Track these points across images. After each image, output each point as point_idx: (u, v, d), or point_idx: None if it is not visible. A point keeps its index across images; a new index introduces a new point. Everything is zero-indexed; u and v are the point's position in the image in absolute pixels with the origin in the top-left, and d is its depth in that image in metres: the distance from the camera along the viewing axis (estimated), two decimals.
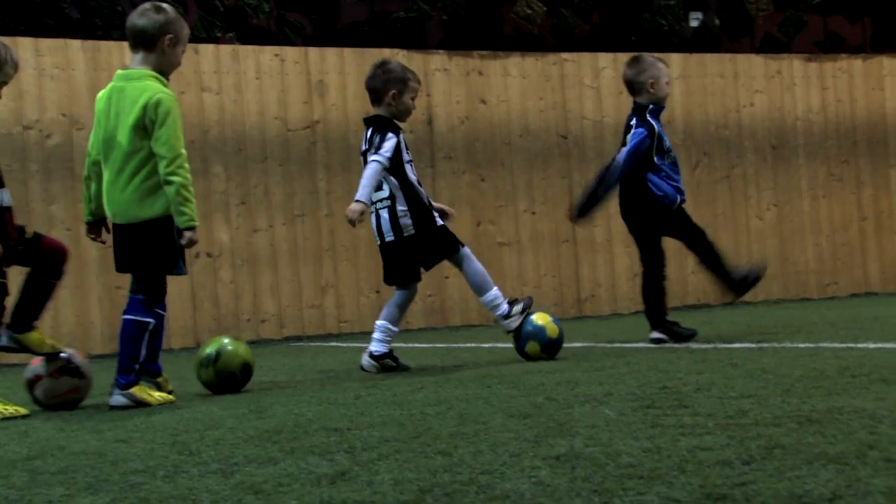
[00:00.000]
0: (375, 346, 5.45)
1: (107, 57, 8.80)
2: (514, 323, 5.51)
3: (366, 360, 5.46)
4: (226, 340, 4.94)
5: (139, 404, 4.37)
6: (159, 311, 4.55)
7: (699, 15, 11.61)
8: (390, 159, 5.34)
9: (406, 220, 5.40)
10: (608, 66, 10.50)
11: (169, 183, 4.39)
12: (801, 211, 11.19)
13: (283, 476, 2.54)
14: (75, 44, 8.71)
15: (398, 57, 9.82)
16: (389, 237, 5.44)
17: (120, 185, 4.46)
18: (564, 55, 10.41)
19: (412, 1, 10.33)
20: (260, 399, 4.41)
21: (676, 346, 5.85)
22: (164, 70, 4.56)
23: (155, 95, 4.41)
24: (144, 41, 4.53)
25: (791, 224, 11.15)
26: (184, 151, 4.43)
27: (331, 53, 9.46)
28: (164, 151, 4.38)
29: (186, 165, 4.45)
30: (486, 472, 2.45)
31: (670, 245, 10.95)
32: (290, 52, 9.44)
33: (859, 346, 5.09)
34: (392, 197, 5.41)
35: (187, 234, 4.41)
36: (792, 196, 11.16)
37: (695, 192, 10.76)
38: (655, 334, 5.99)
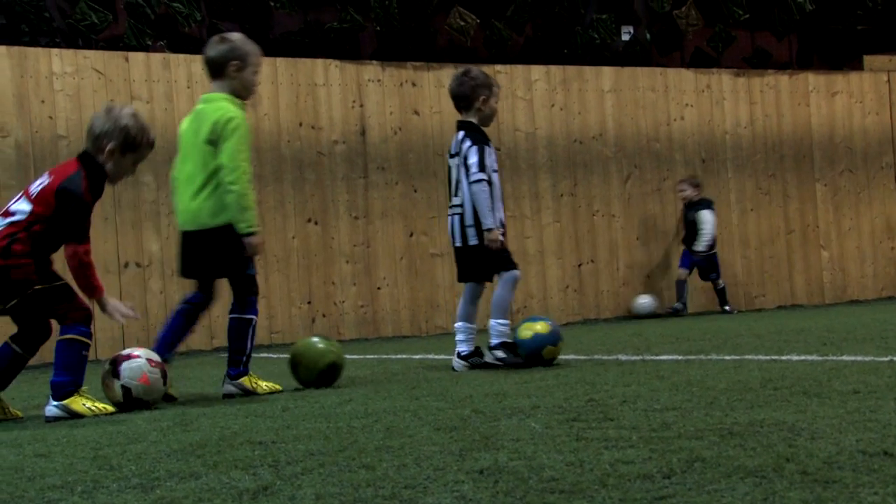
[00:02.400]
0: (461, 347, 5.72)
1: (34, 64, 8.65)
2: (489, 357, 5.72)
3: (456, 361, 5.71)
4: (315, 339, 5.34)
5: (247, 393, 4.85)
6: (251, 313, 5.02)
7: (630, 29, 11.74)
8: (484, 169, 5.67)
9: (471, 231, 5.72)
10: (541, 79, 10.57)
11: (229, 192, 4.83)
12: (730, 224, 11.36)
13: (205, 491, 2.51)
14: (0, 49, 8.56)
15: (331, 68, 9.80)
16: (458, 243, 5.81)
17: (191, 195, 4.92)
18: (497, 67, 10.46)
19: (345, 11, 10.31)
20: (186, 412, 4.36)
21: (606, 357, 5.89)
22: (238, 93, 5.04)
23: (226, 114, 4.89)
24: (215, 70, 5.06)
25: (720, 237, 11.30)
26: (245, 165, 4.87)
27: (263, 63, 9.38)
28: (227, 162, 4.84)
29: (246, 178, 4.86)
30: (409, 486, 2.44)
31: (601, 256, 11.00)
32: None
33: (783, 358, 5.17)
34: (462, 206, 5.74)
35: (247, 241, 4.86)
36: (721, 209, 11.32)
37: (626, 205, 10.87)
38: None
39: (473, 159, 5.71)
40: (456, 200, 5.81)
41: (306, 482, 2.55)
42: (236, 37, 5.15)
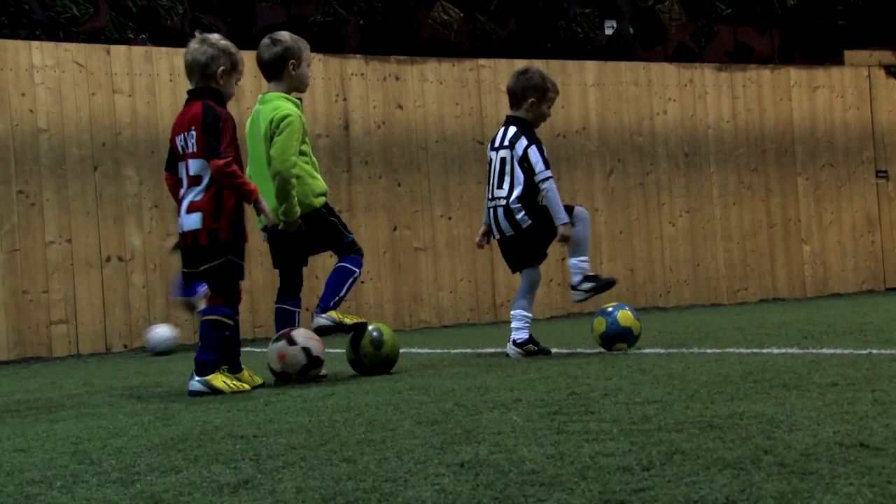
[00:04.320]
0: (516, 335, 5.76)
1: (14, 56, 8.61)
2: (524, 351, 5.75)
3: (510, 348, 5.77)
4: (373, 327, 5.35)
5: (338, 326, 5.14)
6: (357, 266, 5.29)
7: (614, 23, 11.76)
8: (549, 167, 5.78)
9: (522, 216, 5.79)
10: None
11: (275, 177, 5.07)
12: (713, 217, 11.40)
13: (185, 485, 2.51)
14: None
15: (315, 61, 9.76)
16: (508, 233, 5.84)
17: (266, 191, 5.07)
18: (481, 61, 10.47)
19: (329, 5, 10.29)
20: (168, 406, 4.35)
21: (588, 351, 5.91)
22: (296, 89, 5.31)
23: (281, 112, 5.13)
24: (272, 72, 5.29)
25: (702, 230, 11.35)
26: (293, 159, 5.09)
27: (246, 56, 9.31)
28: (275, 153, 5.09)
29: (294, 171, 5.08)
30: (389, 479, 2.44)
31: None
32: None
33: (764, 351, 5.20)
34: (507, 197, 5.80)
35: (284, 226, 5.13)
36: (703, 203, 11.36)
37: (609, 199, 10.90)
38: None
39: (536, 157, 5.79)
40: (499, 192, 5.85)
41: (287, 476, 2.56)
42: (286, 35, 5.35)
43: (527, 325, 5.80)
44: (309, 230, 5.27)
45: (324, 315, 5.19)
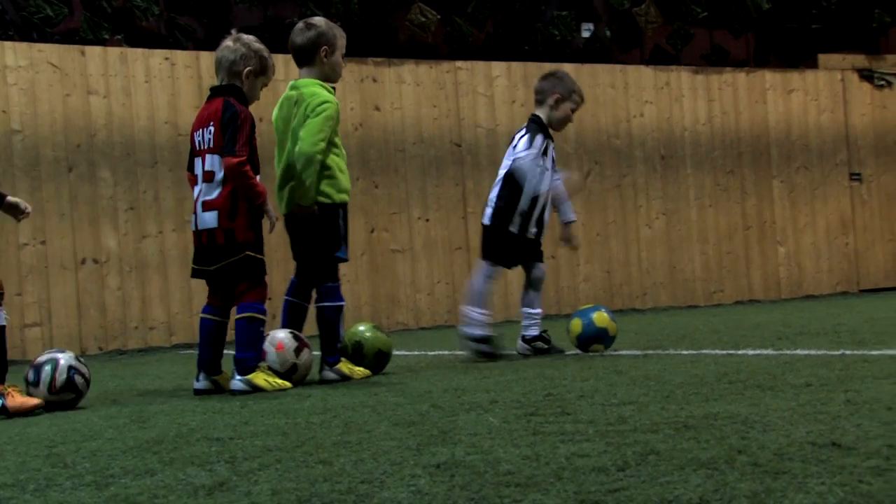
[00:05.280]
0: (526, 331, 5.84)
1: None
2: (469, 344, 5.72)
3: (520, 343, 5.85)
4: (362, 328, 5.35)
5: (345, 379, 4.99)
6: (337, 299, 5.11)
7: (590, 26, 11.80)
8: (536, 158, 5.77)
9: (489, 211, 5.93)
10: (502, 75, 10.60)
11: (298, 162, 4.90)
12: (689, 220, 11.45)
13: (160, 488, 2.50)
14: None
15: (291, 63, 9.75)
16: (486, 222, 5.95)
17: (285, 179, 5.01)
18: (458, 63, 10.48)
19: (306, 6, 10.27)
20: (143, 408, 4.33)
21: (565, 353, 5.92)
22: (328, 77, 5.13)
23: (319, 97, 4.97)
24: (304, 57, 5.12)
25: (679, 232, 11.39)
26: (322, 144, 4.91)
27: (214, 60, 9.32)
28: (305, 135, 4.90)
29: (319, 156, 4.91)
30: (365, 481, 2.44)
31: (562, 252, 11.01)
32: (181, 56, 9.30)
33: (739, 352, 5.23)
34: (506, 195, 5.86)
35: (298, 209, 4.98)
36: (680, 205, 11.41)
37: (587, 201, 10.92)
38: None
39: (523, 142, 5.84)
40: (499, 191, 5.97)
41: (263, 478, 2.55)
42: (321, 21, 5.21)
43: (535, 321, 5.87)
44: (313, 224, 5.06)
45: (331, 370, 5.05)
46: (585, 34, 11.73)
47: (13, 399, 4.33)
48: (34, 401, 4.38)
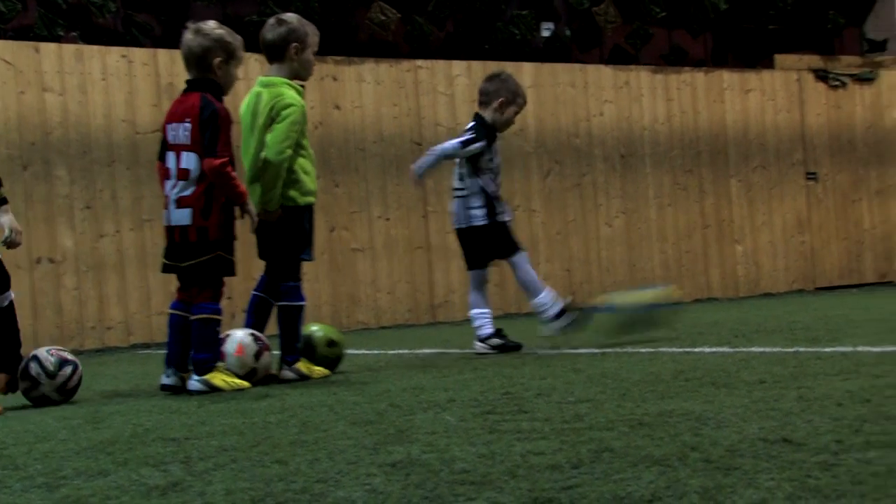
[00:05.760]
0: (480, 331, 5.91)
1: None
2: (553, 328, 5.94)
3: (476, 343, 5.91)
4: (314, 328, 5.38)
5: (305, 379, 4.98)
6: (298, 299, 5.11)
7: (550, 25, 11.84)
8: (466, 146, 5.95)
9: (474, 212, 5.99)
10: (462, 74, 10.62)
11: (268, 167, 4.93)
12: (648, 219, 11.53)
13: (112, 489, 2.48)
14: None
15: (251, 61, 9.70)
16: (461, 225, 6.07)
17: (250, 180, 5.00)
18: (419, 62, 10.48)
19: (265, 4, 10.22)
20: (99, 409, 4.30)
21: (524, 351, 5.94)
22: (298, 75, 5.11)
23: (285, 100, 4.97)
24: (275, 53, 5.10)
25: (638, 231, 11.47)
26: (289, 151, 4.95)
27: (181, 56, 9.26)
28: (272, 141, 4.94)
29: (286, 164, 4.94)
30: (320, 480, 2.44)
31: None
32: (139, 54, 9.22)
33: (696, 350, 5.27)
34: (465, 189, 6.01)
35: (264, 215, 4.94)
36: (639, 204, 11.48)
37: (546, 200, 10.96)
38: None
39: (454, 140, 6.08)
40: (459, 184, 6.08)
41: (217, 478, 2.54)
42: (293, 17, 5.18)
43: (487, 319, 5.93)
44: (278, 225, 5.05)
45: (290, 369, 5.05)
46: (545, 33, 11.77)
47: None
48: None
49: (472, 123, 6.13)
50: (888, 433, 2.51)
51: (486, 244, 6.06)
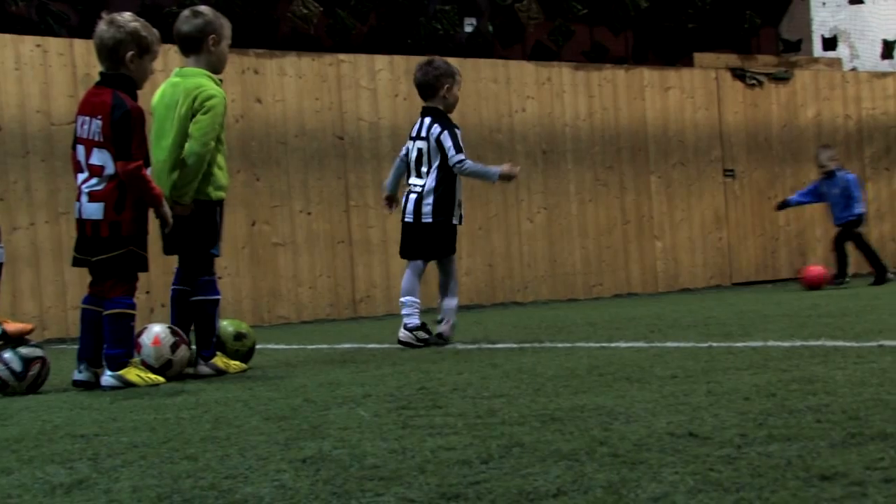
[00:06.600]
0: (408, 320, 5.89)
1: None
2: (415, 337, 5.91)
3: (402, 332, 5.89)
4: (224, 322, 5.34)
5: (221, 373, 4.97)
6: (214, 293, 5.10)
7: (473, 21, 11.88)
8: (461, 150, 5.98)
9: (427, 210, 5.96)
10: (385, 68, 10.60)
11: (191, 158, 4.87)
12: (569, 214, 11.63)
13: (15, 487, 2.44)
14: None
15: (170, 53, 9.58)
16: (409, 219, 6.00)
17: (167, 171, 4.90)
18: (341, 56, 10.43)
19: None
20: (7, 405, 4.21)
21: (443, 345, 5.96)
22: (215, 68, 5.05)
23: (207, 91, 4.91)
24: (190, 45, 5.04)
25: (559, 226, 11.57)
26: (212, 144, 4.90)
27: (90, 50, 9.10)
28: (197, 133, 4.88)
29: (207, 155, 4.89)
30: (229, 476, 2.42)
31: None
32: (54, 44, 9.04)
33: (612, 345, 5.34)
34: (423, 186, 5.98)
35: (178, 208, 4.86)
36: (561, 199, 11.58)
37: (469, 195, 10.97)
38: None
39: (449, 143, 5.99)
40: (417, 181, 6.03)
41: (125, 475, 2.51)
42: (208, 10, 5.13)
43: (417, 310, 5.95)
44: (189, 220, 4.98)
45: (207, 364, 5.01)
46: (468, 29, 11.80)
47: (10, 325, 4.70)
48: (27, 325, 5.01)
49: (429, 120, 6.06)
50: (790, 426, 2.56)
51: (428, 240, 6.08)
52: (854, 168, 13.13)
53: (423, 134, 6.07)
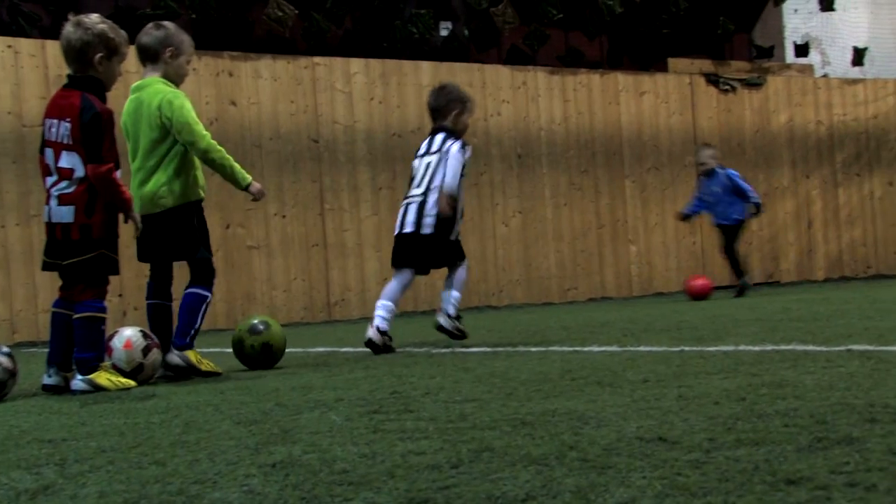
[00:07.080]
0: (380, 322, 5.87)
1: None
2: (447, 324, 6.07)
3: (372, 331, 5.85)
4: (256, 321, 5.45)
5: (190, 367, 4.97)
6: (208, 291, 5.18)
7: (449, 25, 11.89)
8: (464, 165, 6.02)
9: (428, 220, 5.96)
10: (360, 72, 10.58)
11: (210, 162, 4.98)
12: (545, 218, 11.66)
13: None
14: None
15: None
16: (409, 229, 6.00)
17: (142, 180, 4.99)
18: (316, 59, 10.41)
19: None
20: None
21: (417, 350, 5.96)
22: (171, 79, 5.09)
23: (165, 96, 4.96)
24: (149, 56, 5.10)
25: (535, 230, 11.59)
26: (205, 132, 4.94)
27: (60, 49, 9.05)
28: (190, 139, 4.91)
29: (213, 142, 4.95)
30: (198, 481, 2.41)
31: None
32: (26, 45, 8.98)
33: (585, 349, 5.34)
34: (426, 195, 5.98)
35: (252, 189, 5.14)
36: (536, 203, 11.60)
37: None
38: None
39: (467, 155, 6.09)
40: (416, 191, 6.04)
41: (92, 480, 2.49)
42: (170, 24, 5.20)
43: (391, 316, 5.95)
44: (172, 227, 5.03)
45: (178, 354, 4.99)
46: (443, 33, 11.81)
47: None
48: None
49: (443, 135, 6.08)
50: (758, 431, 2.58)
51: (432, 253, 6.12)
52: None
53: (434, 149, 6.06)
